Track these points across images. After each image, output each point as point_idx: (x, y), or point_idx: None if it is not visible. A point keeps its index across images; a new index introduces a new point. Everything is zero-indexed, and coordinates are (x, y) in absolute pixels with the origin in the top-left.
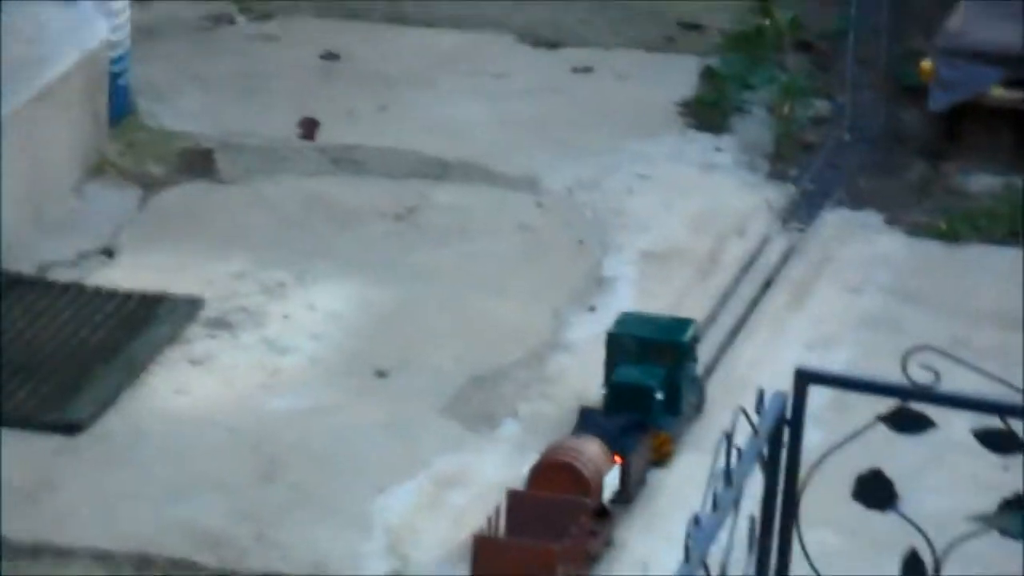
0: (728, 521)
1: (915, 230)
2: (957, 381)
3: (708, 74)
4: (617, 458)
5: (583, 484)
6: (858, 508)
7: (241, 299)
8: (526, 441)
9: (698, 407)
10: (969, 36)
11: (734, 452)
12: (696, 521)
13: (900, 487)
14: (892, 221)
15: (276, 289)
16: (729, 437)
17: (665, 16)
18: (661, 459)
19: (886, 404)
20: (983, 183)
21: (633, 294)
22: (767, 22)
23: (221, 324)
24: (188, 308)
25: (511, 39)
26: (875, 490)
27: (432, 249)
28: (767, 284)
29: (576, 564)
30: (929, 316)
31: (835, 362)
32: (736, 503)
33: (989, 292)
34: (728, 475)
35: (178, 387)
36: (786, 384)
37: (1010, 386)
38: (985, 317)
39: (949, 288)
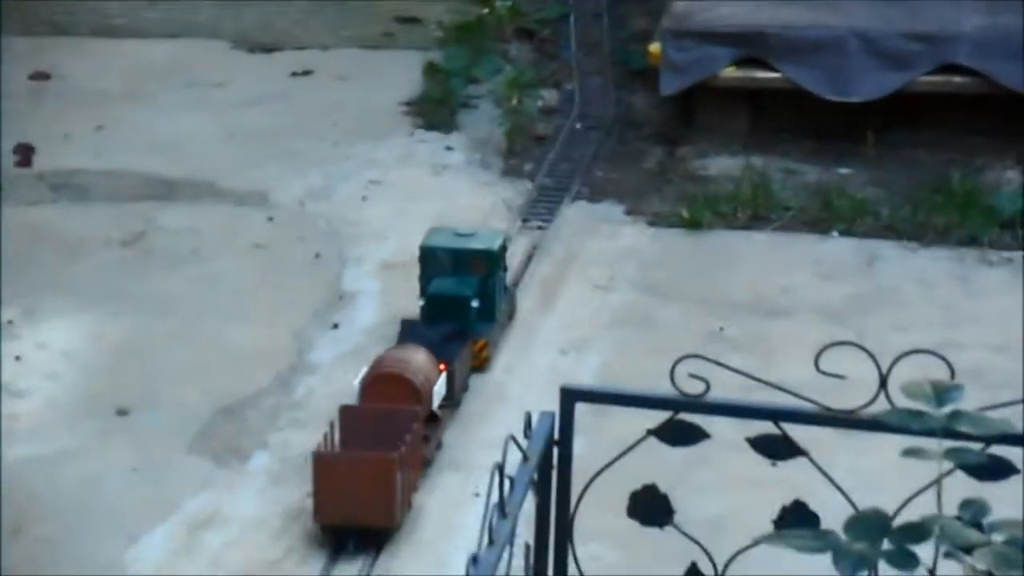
0: (506, 554)
1: (657, 220)
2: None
3: (431, 70)
4: (443, 366)
5: (415, 393)
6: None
7: None
8: (280, 473)
9: (510, 314)
10: (697, 16)
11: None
12: (474, 560)
13: (667, 489)
14: (633, 212)
15: (4, 329)
16: (501, 468)
17: (381, 12)
18: (480, 364)
19: (652, 413)
20: (722, 166)
21: (376, 307)
22: (486, 11)
23: None
24: None
25: (226, 45)
26: (650, 506)
27: (164, 275)
28: (513, 286)
29: (413, 470)
30: (680, 310)
31: (591, 365)
32: (512, 534)
33: (738, 281)
34: (502, 506)
35: None
36: (543, 394)
37: (781, 389)
38: (737, 307)
39: (697, 279)
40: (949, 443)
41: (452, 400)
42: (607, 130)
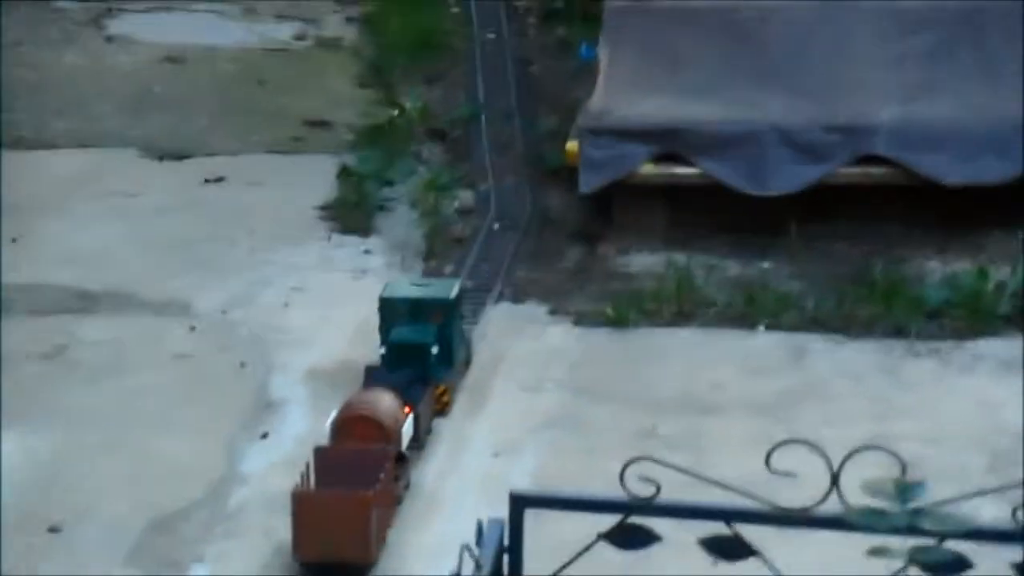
0: None
1: (582, 319)
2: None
3: (345, 173)
4: (408, 408)
5: (385, 433)
6: None
7: None
8: None
9: (467, 361)
10: (613, 114)
11: None
12: None
13: None
14: (557, 311)
15: None
16: None
17: (289, 116)
18: (441, 408)
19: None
20: (643, 262)
21: (306, 415)
22: (396, 113)
23: None
24: None
25: (135, 154)
26: None
27: (88, 388)
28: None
29: (386, 507)
30: (611, 409)
31: (525, 468)
32: None
33: (667, 378)
34: None
35: None
36: (478, 500)
37: (731, 489)
38: (667, 405)
39: (626, 378)
40: (913, 541)
41: (419, 442)
42: (525, 230)
